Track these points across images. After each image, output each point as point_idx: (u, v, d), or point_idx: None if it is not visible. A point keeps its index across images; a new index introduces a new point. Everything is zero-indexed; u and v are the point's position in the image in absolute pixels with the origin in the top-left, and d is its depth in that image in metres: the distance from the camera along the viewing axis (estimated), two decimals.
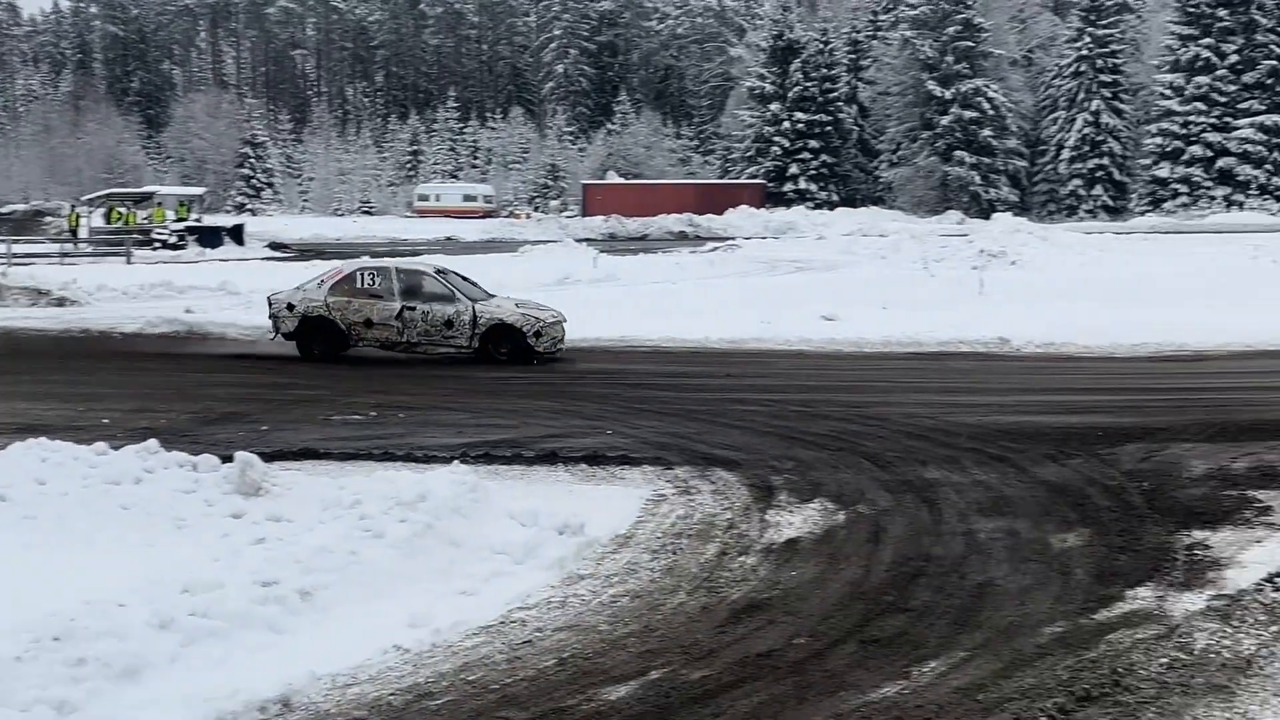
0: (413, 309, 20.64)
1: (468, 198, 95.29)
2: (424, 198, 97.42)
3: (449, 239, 67.53)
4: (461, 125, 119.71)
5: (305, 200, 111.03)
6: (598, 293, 32.24)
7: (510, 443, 14.00)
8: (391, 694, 7.35)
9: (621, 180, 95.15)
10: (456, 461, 12.09)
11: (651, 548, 10.09)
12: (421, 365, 20.82)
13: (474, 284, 21.84)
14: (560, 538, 10.12)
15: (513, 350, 20.63)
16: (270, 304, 21.58)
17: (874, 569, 9.54)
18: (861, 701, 7.12)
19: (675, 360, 21.62)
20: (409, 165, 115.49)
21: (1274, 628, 8.14)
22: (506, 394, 17.87)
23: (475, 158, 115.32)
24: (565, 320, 21.22)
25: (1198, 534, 10.21)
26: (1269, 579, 9.04)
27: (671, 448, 13.70)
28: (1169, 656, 7.69)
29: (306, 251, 55.77)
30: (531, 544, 9.88)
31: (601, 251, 45.26)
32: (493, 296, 21.61)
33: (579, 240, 54.74)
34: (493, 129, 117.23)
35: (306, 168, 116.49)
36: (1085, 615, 8.45)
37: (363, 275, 21.21)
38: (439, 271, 22.06)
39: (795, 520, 10.86)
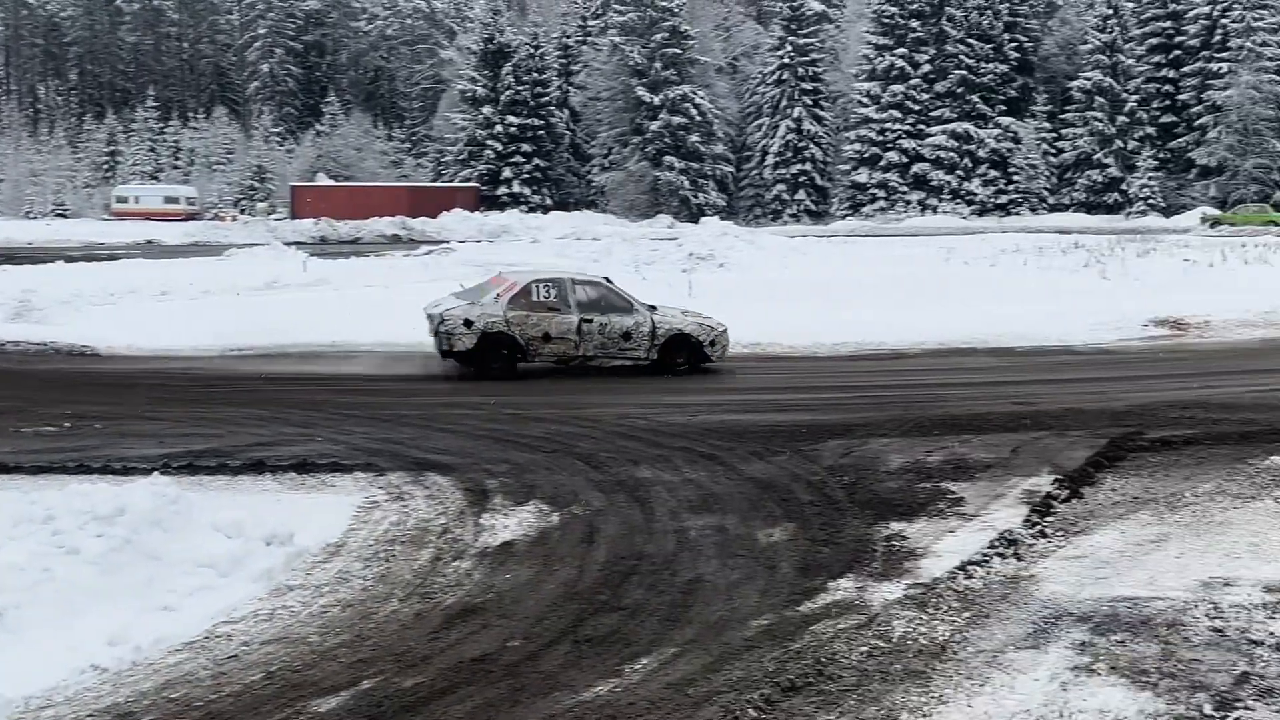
0: (590, 321, 19.84)
1: (169, 200, 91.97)
2: (123, 200, 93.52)
3: (150, 242, 65.05)
4: (162, 125, 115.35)
5: None
6: (308, 297, 31.56)
7: (215, 452, 13.57)
8: (89, 715, 7.06)
9: (332, 182, 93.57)
10: (157, 473, 11.62)
11: (363, 556, 9.94)
12: (121, 375, 20.06)
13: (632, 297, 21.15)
14: (268, 549, 9.87)
15: (690, 359, 20.23)
16: (442, 321, 19.74)
17: (588, 569, 9.60)
18: (575, 701, 7.16)
19: (391, 364, 21.33)
20: (106, 166, 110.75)
21: (966, 614, 8.52)
22: (211, 402, 17.33)
23: (177, 159, 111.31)
24: (729, 328, 20.87)
25: (895, 525, 10.62)
26: (961, 567, 9.46)
27: (384, 453, 13.52)
28: (869, 645, 7.96)
29: None
30: (238, 556, 9.61)
31: (312, 255, 44.30)
32: (655, 308, 20.89)
33: (288, 243, 53.41)
34: (195, 129, 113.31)
35: None
36: (790, 607, 8.69)
37: (538, 288, 20.06)
38: (610, 282, 21.23)
39: (510, 523, 10.85)
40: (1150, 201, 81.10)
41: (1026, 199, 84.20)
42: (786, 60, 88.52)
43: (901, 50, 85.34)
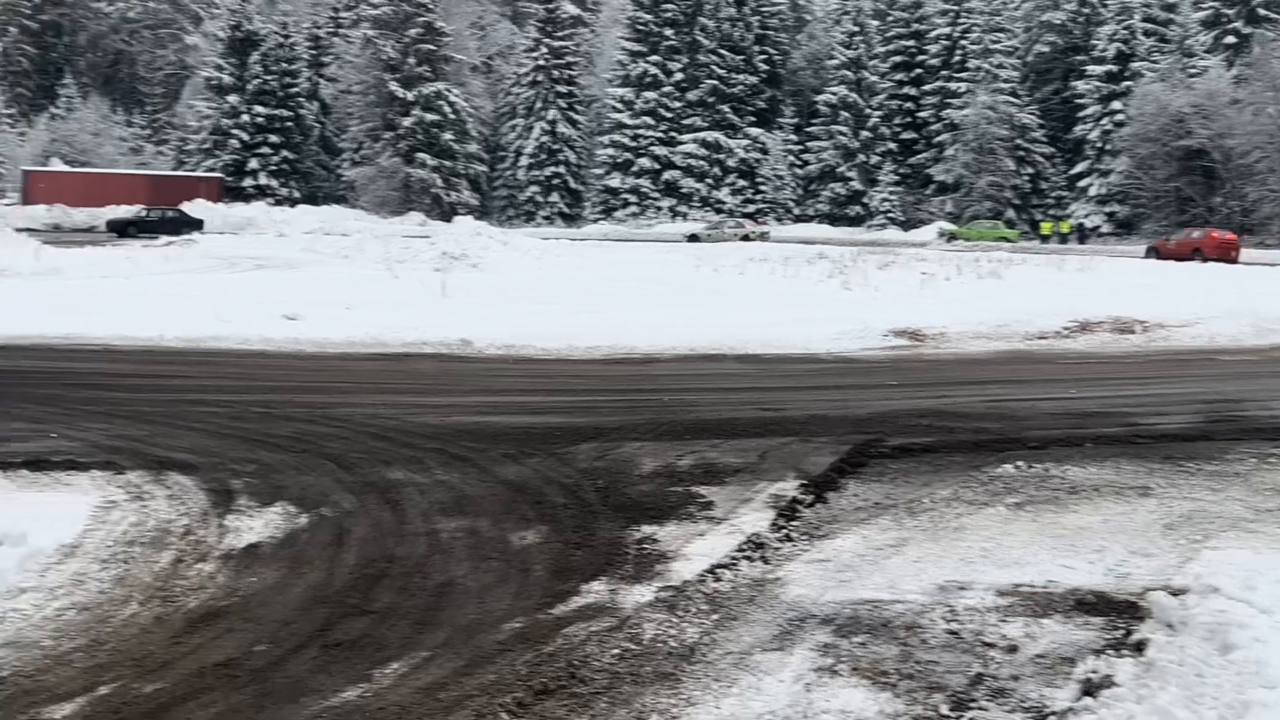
0: None
1: None
2: None
3: None
4: None
5: None
6: (40, 287, 30.34)
7: None
8: None
9: (68, 168, 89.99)
10: None
11: (101, 557, 9.57)
12: None
13: None
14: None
15: None
16: None
17: (337, 572, 9.43)
18: (323, 706, 7.02)
19: (128, 359, 20.63)
20: None
21: (715, 616, 8.64)
22: None
23: None
24: None
25: (647, 529, 10.70)
26: (710, 570, 9.59)
27: (124, 451, 13.05)
28: (620, 647, 8.01)
29: None
30: None
31: (45, 243, 42.64)
32: None
33: (19, 230, 51.29)
34: None
35: None
36: (543, 610, 8.68)
37: None
38: None
39: (256, 525, 10.58)
40: (890, 215, 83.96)
41: (773, 208, 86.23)
42: (541, 62, 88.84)
43: (655, 57, 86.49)
